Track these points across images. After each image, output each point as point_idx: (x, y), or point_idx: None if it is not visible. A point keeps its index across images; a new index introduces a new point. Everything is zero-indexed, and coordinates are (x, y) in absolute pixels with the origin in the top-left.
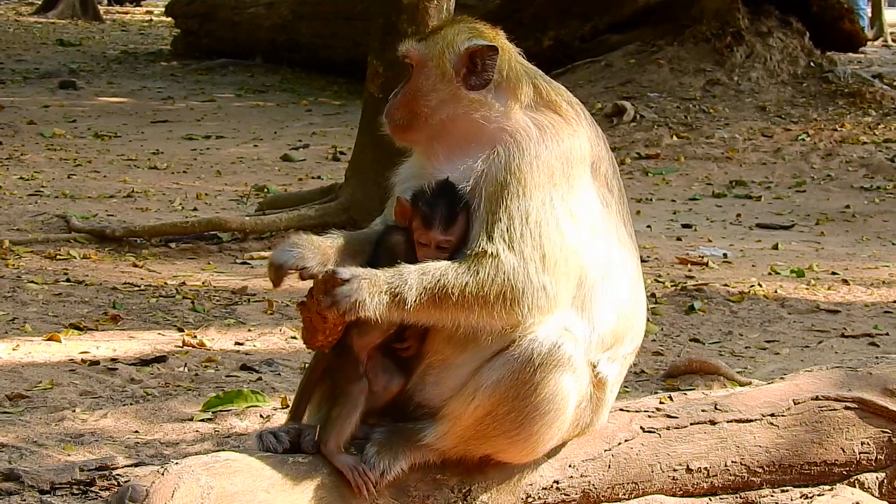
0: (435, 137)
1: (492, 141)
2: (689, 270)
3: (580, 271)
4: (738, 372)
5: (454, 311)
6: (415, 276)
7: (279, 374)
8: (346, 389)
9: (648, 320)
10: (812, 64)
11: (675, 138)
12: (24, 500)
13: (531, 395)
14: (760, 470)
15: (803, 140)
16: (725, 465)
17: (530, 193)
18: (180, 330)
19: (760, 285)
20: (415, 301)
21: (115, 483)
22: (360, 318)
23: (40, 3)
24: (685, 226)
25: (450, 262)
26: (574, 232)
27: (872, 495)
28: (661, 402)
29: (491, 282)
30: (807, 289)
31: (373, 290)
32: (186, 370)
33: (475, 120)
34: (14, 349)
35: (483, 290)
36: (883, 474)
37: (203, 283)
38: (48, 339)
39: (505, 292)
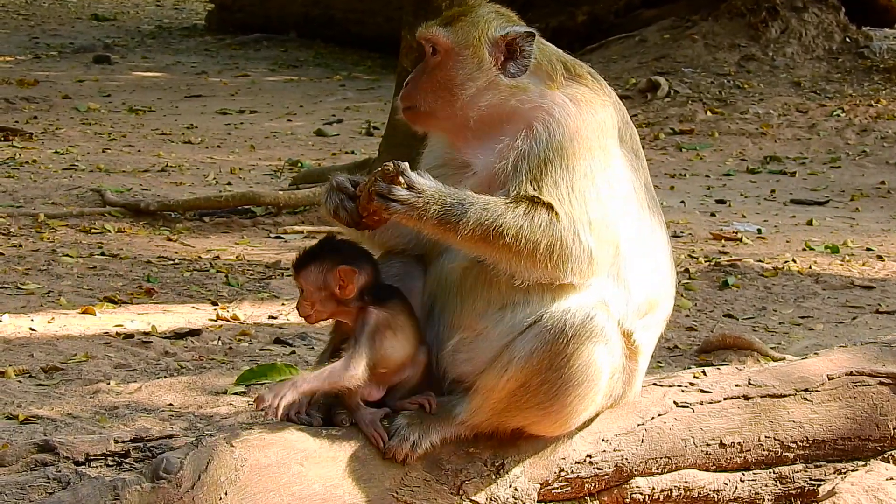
0: (464, 124)
1: (528, 119)
2: (723, 246)
3: (616, 240)
4: (771, 347)
5: (500, 251)
6: (474, 210)
7: (312, 348)
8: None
9: (682, 295)
10: (847, 39)
11: (709, 114)
12: (59, 471)
13: (564, 367)
14: (794, 445)
15: (838, 116)
16: (759, 441)
17: (573, 165)
18: (214, 303)
19: (794, 261)
20: (467, 233)
21: (150, 455)
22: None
23: None
24: (719, 201)
25: (506, 200)
26: (611, 201)
27: None
28: (694, 377)
29: (542, 231)
30: (841, 264)
31: (427, 209)
32: (220, 343)
33: (512, 104)
34: (49, 322)
35: (535, 238)
36: None
37: (237, 256)
38: (83, 312)
39: (554, 246)
